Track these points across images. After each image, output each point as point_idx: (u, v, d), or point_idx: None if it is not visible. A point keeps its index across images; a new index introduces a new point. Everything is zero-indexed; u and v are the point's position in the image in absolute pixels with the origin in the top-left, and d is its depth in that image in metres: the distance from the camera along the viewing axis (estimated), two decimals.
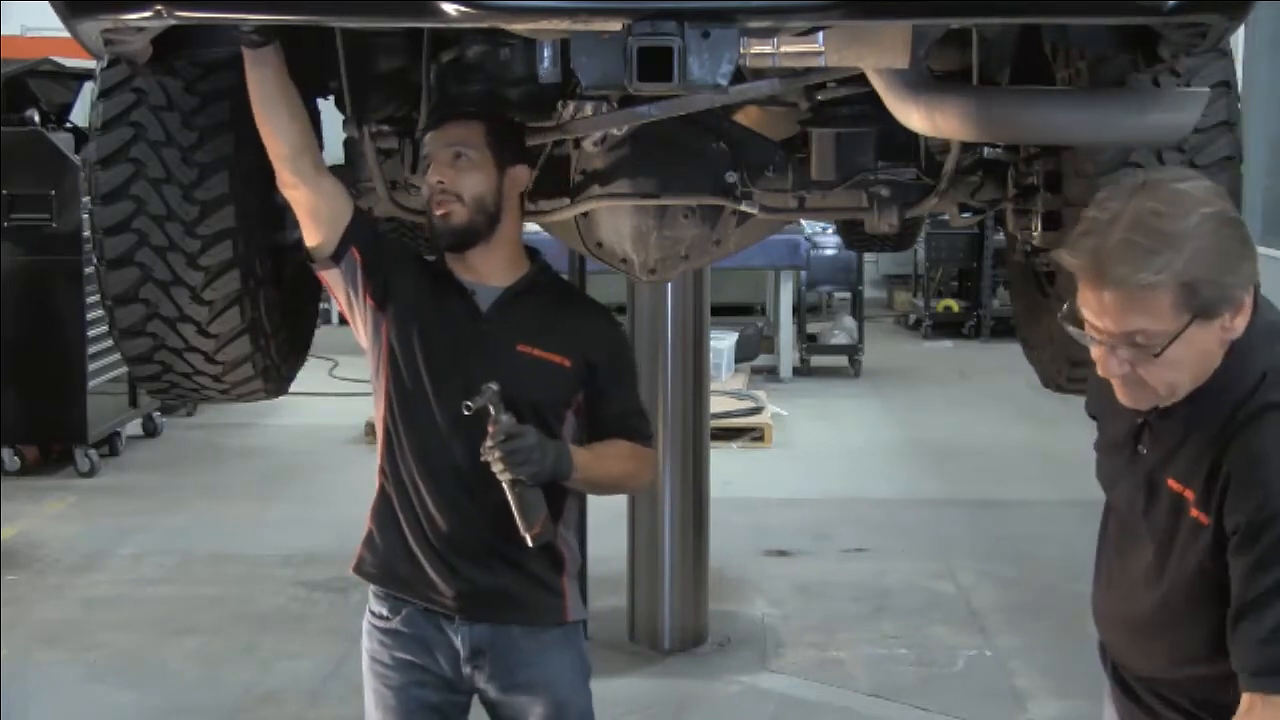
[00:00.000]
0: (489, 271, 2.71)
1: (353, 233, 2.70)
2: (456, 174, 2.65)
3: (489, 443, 2.49)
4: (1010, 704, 4.64)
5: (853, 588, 5.77)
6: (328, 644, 5.08)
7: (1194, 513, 1.94)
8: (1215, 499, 1.91)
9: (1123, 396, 1.96)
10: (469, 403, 2.51)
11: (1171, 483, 1.98)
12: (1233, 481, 1.88)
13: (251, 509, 6.97)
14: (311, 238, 2.71)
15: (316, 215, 2.69)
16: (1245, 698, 1.91)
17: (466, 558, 2.64)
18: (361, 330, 2.74)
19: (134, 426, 8.26)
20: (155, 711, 4.60)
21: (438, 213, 2.66)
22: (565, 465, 2.56)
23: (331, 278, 2.73)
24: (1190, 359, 1.89)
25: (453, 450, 2.62)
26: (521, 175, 2.73)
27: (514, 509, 2.52)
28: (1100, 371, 1.94)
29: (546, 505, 2.56)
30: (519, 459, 2.49)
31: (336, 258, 2.70)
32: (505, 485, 2.51)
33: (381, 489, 2.71)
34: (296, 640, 5.18)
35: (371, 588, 2.75)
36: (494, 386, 2.50)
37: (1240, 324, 1.89)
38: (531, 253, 2.78)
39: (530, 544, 2.55)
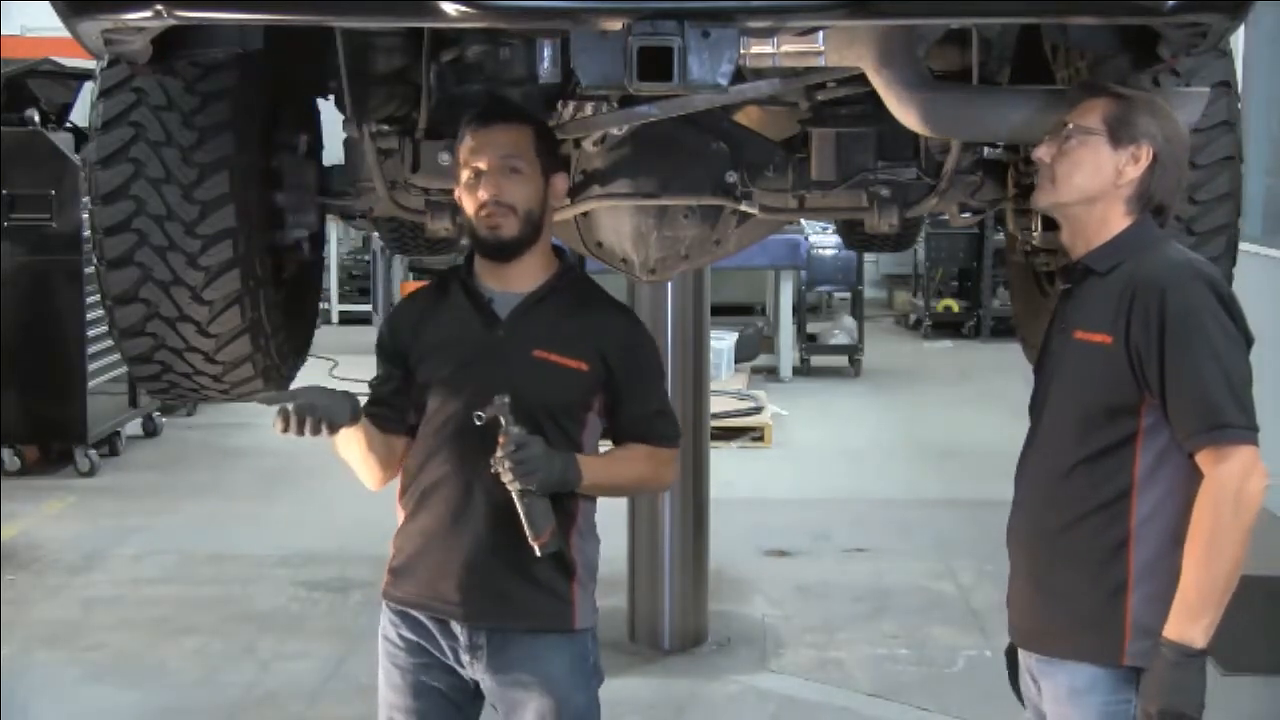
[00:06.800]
0: (516, 278, 2.71)
1: (409, 413, 2.74)
2: (511, 186, 2.62)
3: (499, 453, 2.50)
4: (1010, 704, 4.60)
5: (853, 588, 5.77)
6: (327, 644, 5.08)
7: (1096, 338, 2.35)
8: (1122, 319, 2.31)
9: (1037, 191, 2.49)
10: (480, 413, 2.52)
11: (1078, 333, 2.40)
12: (1136, 297, 2.31)
13: (251, 509, 6.97)
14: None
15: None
16: (1200, 457, 2.26)
17: (473, 564, 2.65)
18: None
19: (134, 426, 8.27)
20: (155, 711, 4.60)
21: (488, 225, 2.63)
22: (572, 474, 2.59)
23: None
24: (1087, 168, 2.39)
25: (465, 458, 2.63)
26: (561, 184, 2.74)
27: (522, 518, 2.53)
28: (1041, 153, 2.45)
29: (555, 515, 2.57)
30: (526, 469, 2.50)
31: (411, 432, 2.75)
32: (514, 495, 2.52)
33: (403, 518, 2.75)
34: (296, 640, 5.18)
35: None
36: (505, 398, 2.51)
37: (1130, 174, 2.39)
38: (558, 253, 2.78)
39: (538, 553, 2.57)
